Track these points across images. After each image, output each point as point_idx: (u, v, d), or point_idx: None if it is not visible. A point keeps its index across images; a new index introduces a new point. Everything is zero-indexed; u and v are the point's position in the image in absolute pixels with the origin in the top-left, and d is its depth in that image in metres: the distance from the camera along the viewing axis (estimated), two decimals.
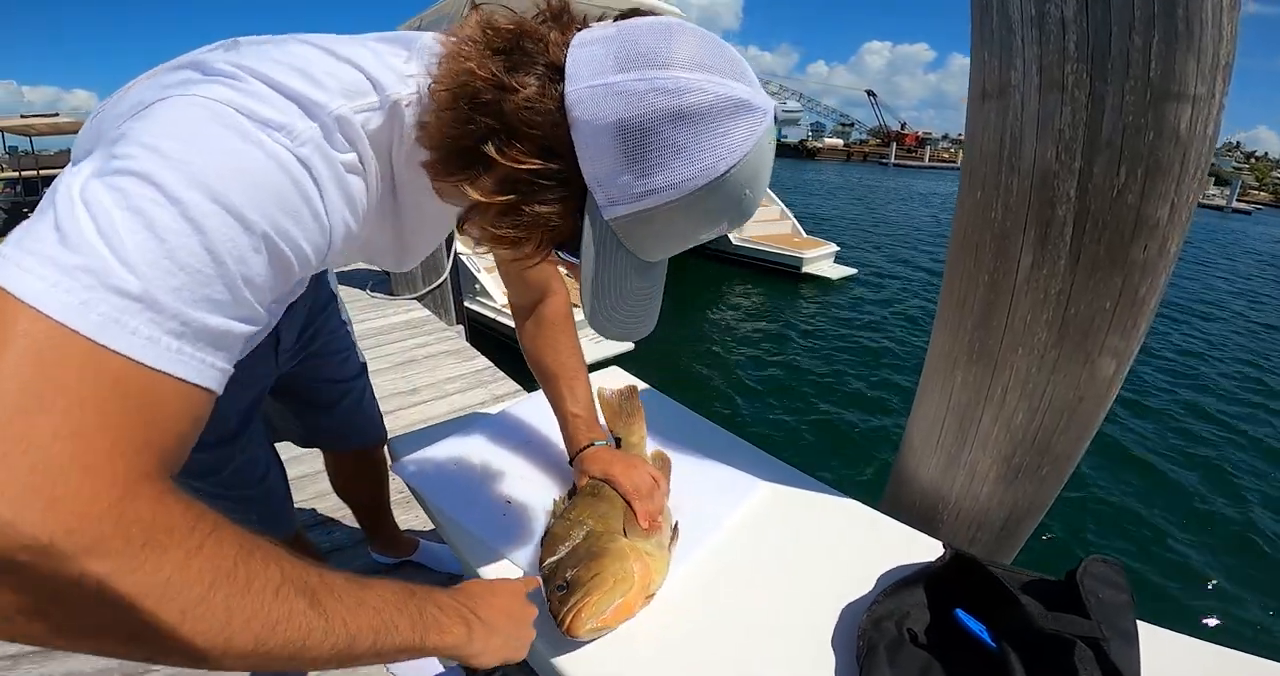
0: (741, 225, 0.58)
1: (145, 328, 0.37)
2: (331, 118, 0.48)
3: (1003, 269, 0.93)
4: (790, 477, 1.16)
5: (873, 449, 5.52)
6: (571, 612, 0.77)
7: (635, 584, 0.82)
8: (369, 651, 0.47)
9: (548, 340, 1.06)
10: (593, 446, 1.05)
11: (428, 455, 1.20)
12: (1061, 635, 0.76)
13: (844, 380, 7.07)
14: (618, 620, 0.81)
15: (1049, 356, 0.93)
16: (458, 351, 3.63)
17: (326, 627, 0.43)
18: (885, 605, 0.86)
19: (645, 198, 0.51)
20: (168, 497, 0.37)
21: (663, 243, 0.56)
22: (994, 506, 1.09)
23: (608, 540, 0.87)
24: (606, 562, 0.83)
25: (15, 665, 1.52)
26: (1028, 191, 0.87)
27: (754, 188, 0.53)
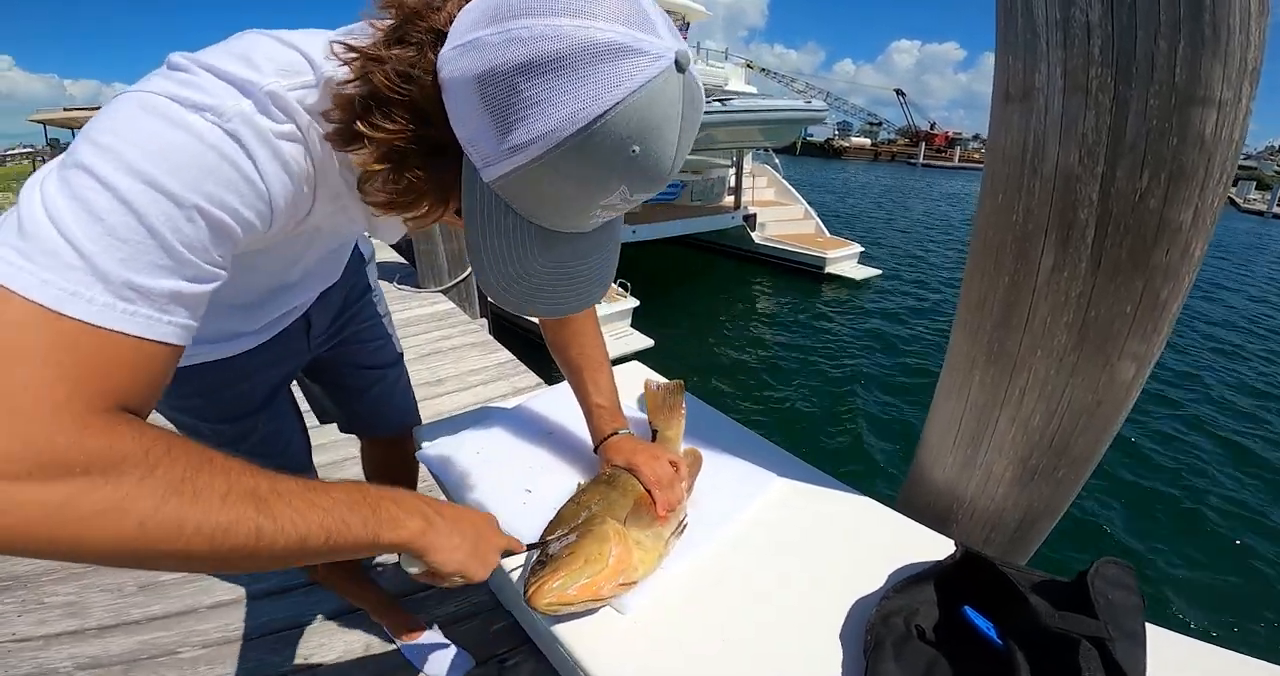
0: (653, 191, 0.53)
1: (100, 296, 0.44)
2: (264, 93, 0.52)
3: (1023, 271, 0.93)
4: (805, 473, 1.18)
5: (887, 450, 5.50)
6: (534, 585, 0.81)
7: (608, 567, 0.85)
8: (324, 548, 0.53)
9: (571, 333, 1.08)
10: (616, 435, 1.08)
11: (451, 444, 1.23)
12: (1068, 634, 0.78)
13: (863, 381, 7.03)
14: (581, 599, 0.83)
15: (1068, 359, 0.93)
16: (482, 344, 3.69)
17: (276, 529, 0.49)
18: (895, 601, 0.87)
19: (514, 155, 0.48)
20: (121, 429, 0.44)
21: (552, 207, 0.53)
22: (1009, 507, 1.10)
23: (597, 522, 0.90)
24: (585, 542, 0.86)
25: (47, 645, 1.59)
26: (1050, 194, 0.87)
27: (646, 143, 0.47)
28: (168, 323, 0.48)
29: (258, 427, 1.04)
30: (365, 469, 1.59)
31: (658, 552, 0.92)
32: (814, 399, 6.54)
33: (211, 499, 0.46)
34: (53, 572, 1.85)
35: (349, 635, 1.61)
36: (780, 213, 12.43)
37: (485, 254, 0.56)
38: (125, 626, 1.64)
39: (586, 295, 0.63)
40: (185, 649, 1.57)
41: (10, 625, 1.64)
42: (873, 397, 6.60)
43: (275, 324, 0.98)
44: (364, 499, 0.59)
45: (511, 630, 1.62)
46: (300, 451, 1.18)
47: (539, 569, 0.84)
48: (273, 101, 0.53)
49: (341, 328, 1.17)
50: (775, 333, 8.68)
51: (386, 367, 1.31)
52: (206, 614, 1.69)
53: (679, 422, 1.22)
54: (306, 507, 0.52)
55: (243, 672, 1.50)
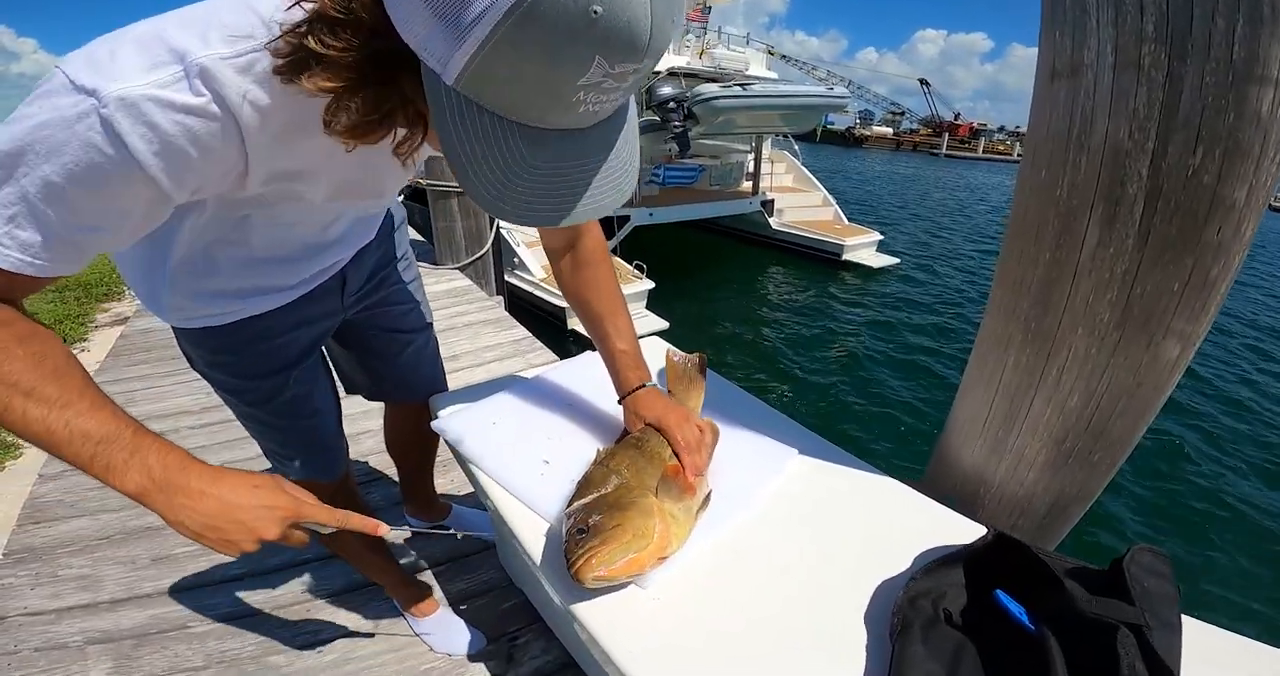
0: (638, 60, 0.47)
1: None
2: (194, 65, 0.55)
3: (1066, 247, 0.91)
4: (826, 451, 1.16)
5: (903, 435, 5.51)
6: (582, 558, 0.78)
7: (652, 542, 0.83)
8: (54, 454, 0.62)
9: (587, 278, 1.07)
10: (644, 388, 1.06)
11: (468, 414, 1.22)
12: (1104, 620, 0.76)
13: (878, 367, 7.07)
14: (626, 573, 0.81)
15: (1110, 338, 0.90)
16: (497, 320, 3.71)
17: (12, 420, 0.60)
18: (922, 583, 0.86)
19: (464, 42, 0.45)
20: None
21: (525, 96, 0.49)
22: (1039, 492, 1.07)
23: (638, 494, 0.88)
24: (631, 515, 0.84)
25: (59, 619, 1.60)
26: (1097, 169, 0.85)
27: (608, 2, 0.43)
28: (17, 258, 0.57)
29: (287, 386, 1.05)
30: (388, 438, 1.61)
31: (688, 526, 0.91)
32: (828, 384, 6.58)
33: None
34: (68, 545, 1.87)
35: (361, 610, 1.61)
36: (799, 199, 12.43)
37: (467, 161, 0.53)
38: (137, 600, 1.65)
39: (597, 202, 0.59)
40: (196, 623, 1.58)
41: (22, 598, 1.66)
42: (889, 384, 6.63)
43: (311, 281, 1.01)
44: (88, 442, 0.62)
45: (522, 608, 1.61)
46: (329, 416, 1.19)
47: (581, 539, 0.81)
48: (200, 74, 0.55)
49: (374, 289, 1.19)
50: (791, 318, 8.72)
51: (416, 333, 1.33)
52: (219, 587, 1.69)
53: (699, 394, 1.21)
54: (39, 416, 0.60)
55: (253, 647, 1.51)
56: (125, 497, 0.64)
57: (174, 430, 2.58)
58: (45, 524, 1.97)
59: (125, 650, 1.49)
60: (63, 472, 2.24)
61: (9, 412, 0.59)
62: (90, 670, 1.44)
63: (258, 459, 2.25)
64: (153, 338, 3.53)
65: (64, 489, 2.14)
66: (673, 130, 9.36)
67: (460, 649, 1.49)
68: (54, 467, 2.28)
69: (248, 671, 1.44)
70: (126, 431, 0.64)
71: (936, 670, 0.76)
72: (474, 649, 1.49)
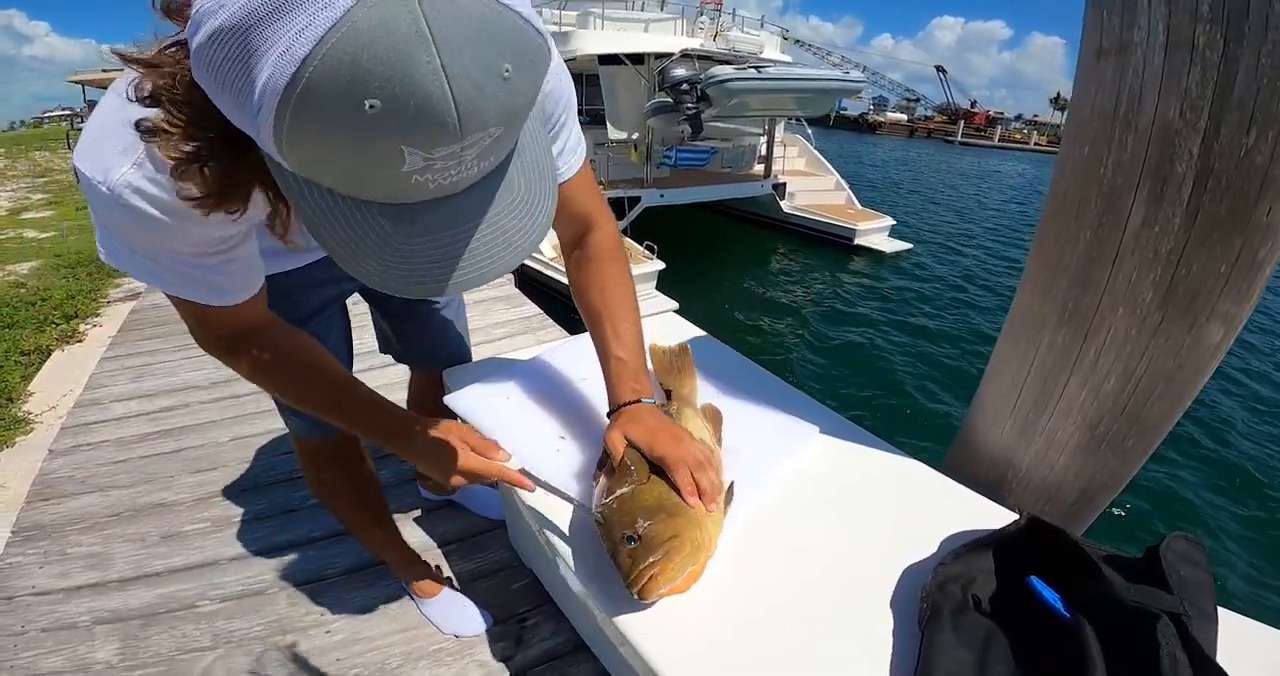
0: (455, 141, 0.41)
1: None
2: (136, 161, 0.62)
3: (1108, 225, 0.88)
4: (849, 432, 1.13)
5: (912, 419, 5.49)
6: (648, 576, 0.74)
7: (705, 551, 0.80)
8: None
9: (591, 276, 1.02)
10: (639, 403, 0.95)
11: (481, 388, 1.20)
12: (1145, 608, 0.73)
13: (888, 351, 7.08)
14: (687, 587, 0.78)
15: (1152, 319, 0.87)
16: (507, 298, 3.71)
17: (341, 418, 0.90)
18: (951, 568, 0.83)
19: (261, 130, 0.42)
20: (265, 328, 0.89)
21: (355, 180, 0.45)
22: (1069, 478, 1.04)
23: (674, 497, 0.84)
24: (682, 524, 0.79)
25: (67, 598, 1.60)
26: (1144, 147, 0.83)
27: (388, 90, 0.38)
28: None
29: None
30: (411, 402, 1.63)
31: (721, 523, 0.87)
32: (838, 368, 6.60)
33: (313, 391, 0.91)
34: (78, 522, 1.87)
35: (369, 590, 1.60)
36: (811, 183, 12.43)
37: (333, 241, 0.50)
38: (146, 578, 1.65)
39: (492, 263, 0.54)
40: (204, 602, 1.58)
41: (31, 577, 1.66)
42: (899, 368, 6.66)
43: (317, 251, 1.04)
44: (388, 428, 0.90)
45: (532, 589, 1.60)
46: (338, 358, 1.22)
47: (635, 550, 0.76)
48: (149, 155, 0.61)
49: None
50: (801, 301, 8.78)
51: (446, 306, 1.38)
52: (227, 566, 1.69)
53: (691, 380, 1.17)
54: (367, 422, 0.90)
55: (261, 627, 1.50)
56: (136, 474, 0.67)
57: (185, 404, 2.59)
58: (55, 500, 1.97)
59: (133, 630, 1.49)
60: (74, 448, 2.24)
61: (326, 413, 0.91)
62: (97, 650, 1.44)
63: (265, 435, 2.28)
64: (164, 313, 3.54)
65: (74, 465, 2.14)
66: (685, 112, 9.31)
67: (466, 629, 1.48)
68: (64, 443, 2.29)
69: (255, 651, 1.43)
70: (397, 425, 0.90)
71: (966, 658, 0.73)
72: (480, 629, 1.48)
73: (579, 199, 0.98)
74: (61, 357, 3.30)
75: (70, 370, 3.09)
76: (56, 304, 3.99)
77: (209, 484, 2.04)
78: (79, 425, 2.44)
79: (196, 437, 2.32)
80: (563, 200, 0.95)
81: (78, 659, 1.42)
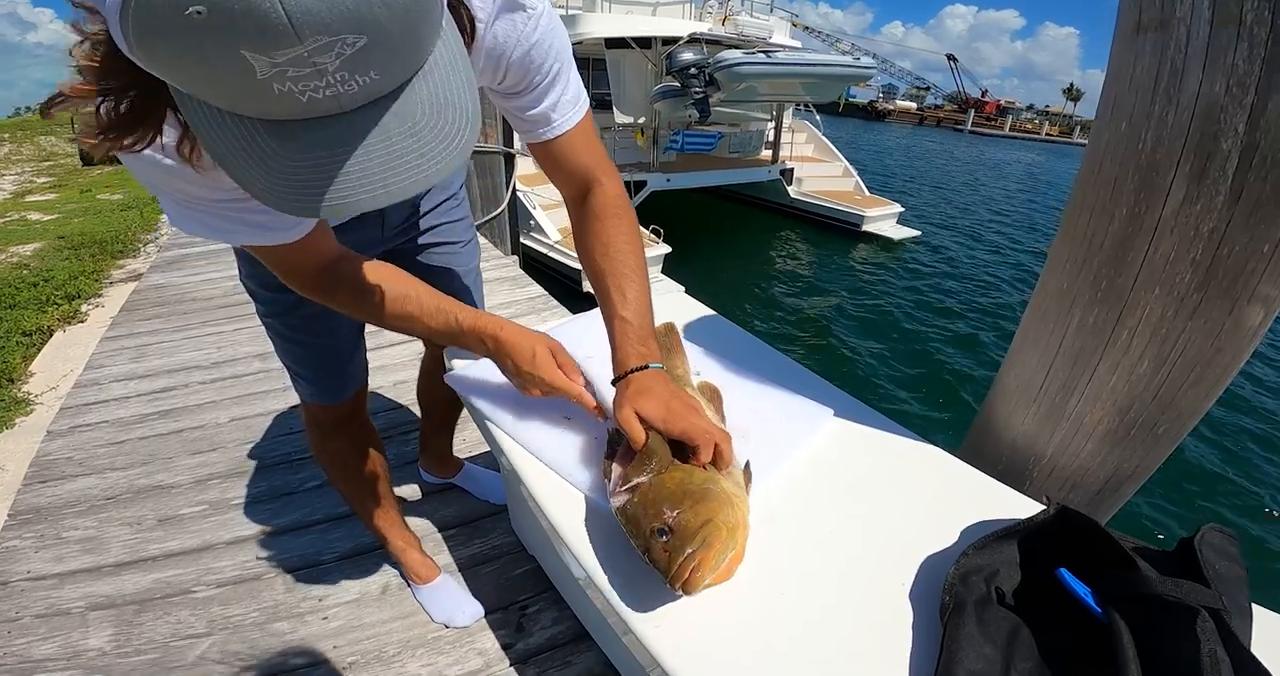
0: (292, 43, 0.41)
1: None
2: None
3: (1146, 202, 0.84)
4: (863, 415, 1.09)
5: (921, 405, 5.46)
6: (690, 567, 0.69)
7: (742, 533, 0.76)
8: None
9: (595, 234, 0.97)
10: (647, 369, 0.90)
11: (484, 366, 1.16)
12: (1183, 603, 0.68)
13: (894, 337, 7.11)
14: (730, 574, 0.74)
15: (1190, 299, 0.83)
16: (513, 278, 3.69)
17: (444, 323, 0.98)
18: (975, 559, 0.79)
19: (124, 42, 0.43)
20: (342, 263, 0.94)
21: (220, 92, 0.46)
22: (1095, 466, 1.00)
23: (705, 479, 0.79)
24: (715, 508, 0.74)
25: (62, 583, 1.58)
26: (1187, 123, 0.79)
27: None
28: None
29: (305, 303, 1.00)
30: (420, 383, 1.67)
31: (748, 504, 0.83)
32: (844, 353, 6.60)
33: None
34: (74, 505, 1.84)
35: (367, 576, 1.58)
36: (819, 169, 12.39)
37: (222, 158, 0.50)
38: (142, 563, 1.63)
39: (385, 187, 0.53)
40: (200, 588, 1.55)
41: (26, 562, 1.63)
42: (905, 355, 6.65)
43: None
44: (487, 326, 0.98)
45: (534, 575, 1.57)
46: (345, 341, 1.22)
47: (677, 544, 0.71)
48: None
49: (419, 225, 1.24)
50: (807, 287, 8.81)
51: (463, 275, 1.37)
52: (224, 550, 1.66)
53: (682, 360, 1.13)
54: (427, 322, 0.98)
55: (256, 613, 1.48)
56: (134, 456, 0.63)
57: (184, 385, 2.57)
58: (52, 483, 1.95)
59: (127, 616, 1.47)
60: (72, 429, 2.22)
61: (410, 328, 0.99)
62: (90, 637, 1.41)
63: (266, 416, 2.26)
64: (165, 293, 3.53)
65: (72, 446, 2.12)
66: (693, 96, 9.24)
67: (458, 620, 1.45)
68: (62, 424, 2.26)
69: (251, 638, 1.41)
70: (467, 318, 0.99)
71: (992, 654, 0.69)
72: (471, 620, 1.45)
73: (579, 154, 0.95)
74: (63, 338, 3.29)
75: (71, 350, 3.08)
76: (59, 284, 3.97)
77: (207, 465, 2.02)
78: (78, 406, 2.41)
79: (195, 418, 2.30)
80: (562, 155, 0.94)
81: (71, 646, 1.39)
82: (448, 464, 1.87)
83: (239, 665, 1.34)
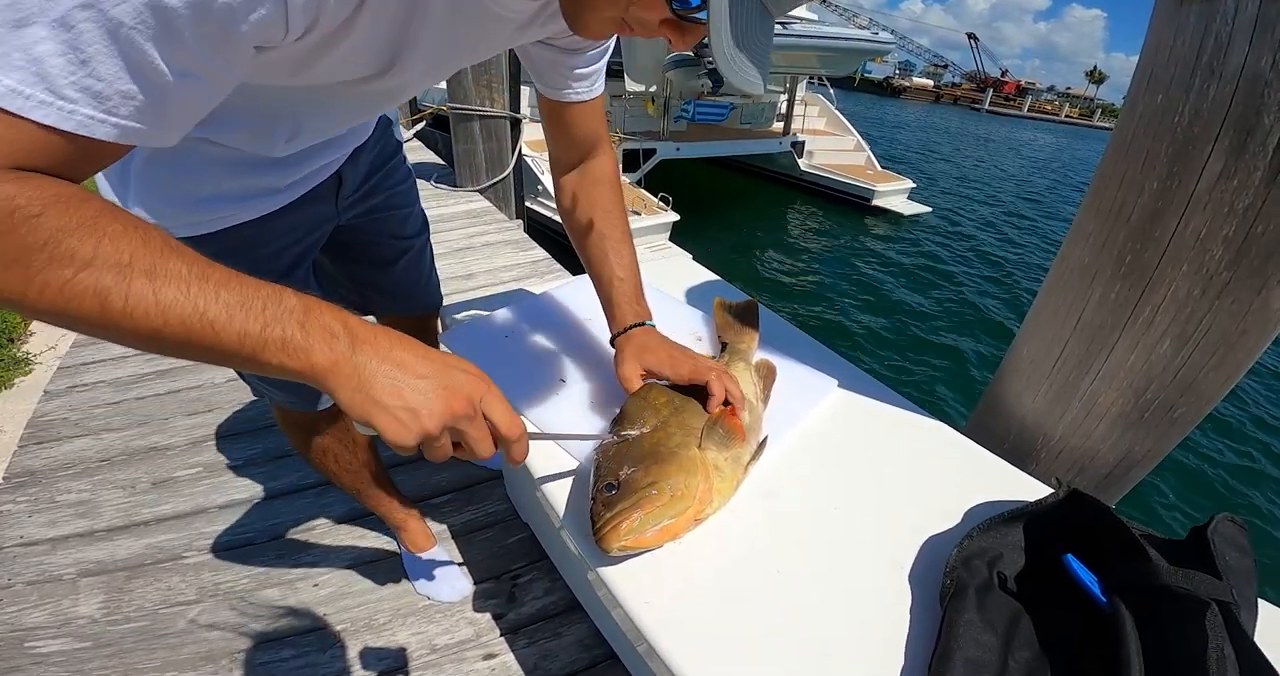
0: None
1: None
2: None
3: (1180, 175, 0.80)
4: (869, 388, 1.07)
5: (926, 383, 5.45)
6: (609, 524, 0.68)
7: (693, 504, 0.72)
8: (181, 344, 0.46)
9: (592, 197, 0.97)
10: (642, 327, 0.93)
11: (479, 328, 1.15)
12: (1193, 595, 0.65)
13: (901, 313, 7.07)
14: (657, 542, 0.72)
15: (1218, 278, 0.79)
16: (516, 242, 3.65)
17: (126, 308, 0.43)
18: (978, 542, 0.76)
19: None
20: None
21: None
22: (1105, 448, 0.97)
23: (679, 441, 0.77)
24: (670, 470, 0.73)
25: (54, 549, 1.57)
26: (1229, 97, 0.76)
27: None
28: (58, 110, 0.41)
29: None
30: None
31: (735, 481, 0.80)
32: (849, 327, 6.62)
33: (74, 256, 0.42)
34: (70, 467, 1.83)
35: (361, 542, 1.57)
36: (831, 142, 12.24)
37: (735, 30, 0.52)
38: (134, 528, 1.62)
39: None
40: (191, 553, 1.54)
41: (19, 526, 1.62)
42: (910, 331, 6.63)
43: (305, 182, 0.91)
44: (272, 307, 0.48)
45: (527, 544, 1.56)
46: None
47: (611, 498, 0.71)
48: None
49: (370, 191, 1.10)
50: (814, 259, 8.79)
51: (414, 237, 1.24)
52: (216, 514, 1.65)
53: (751, 340, 1.09)
54: (178, 296, 0.45)
55: (247, 579, 1.47)
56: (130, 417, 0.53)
57: None
58: (48, 444, 1.93)
59: (118, 582, 1.46)
60: (69, 389, 2.20)
61: (136, 301, 0.44)
62: (80, 605, 1.40)
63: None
64: None
65: (69, 406, 2.11)
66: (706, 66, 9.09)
67: (444, 596, 1.42)
68: (61, 383, 2.25)
69: (240, 605, 1.40)
70: (288, 294, 0.50)
71: (991, 641, 0.67)
72: (458, 597, 1.43)
73: (593, 121, 0.97)
74: None
75: None
76: None
77: (203, 427, 2.00)
78: (76, 365, 2.39)
79: (192, 378, 2.27)
80: (581, 119, 0.95)
81: (61, 613, 1.38)
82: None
83: (229, 632, 1.34)
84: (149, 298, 0.44)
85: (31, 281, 0.41)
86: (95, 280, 0.42)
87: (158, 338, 0.45)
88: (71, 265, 0.42)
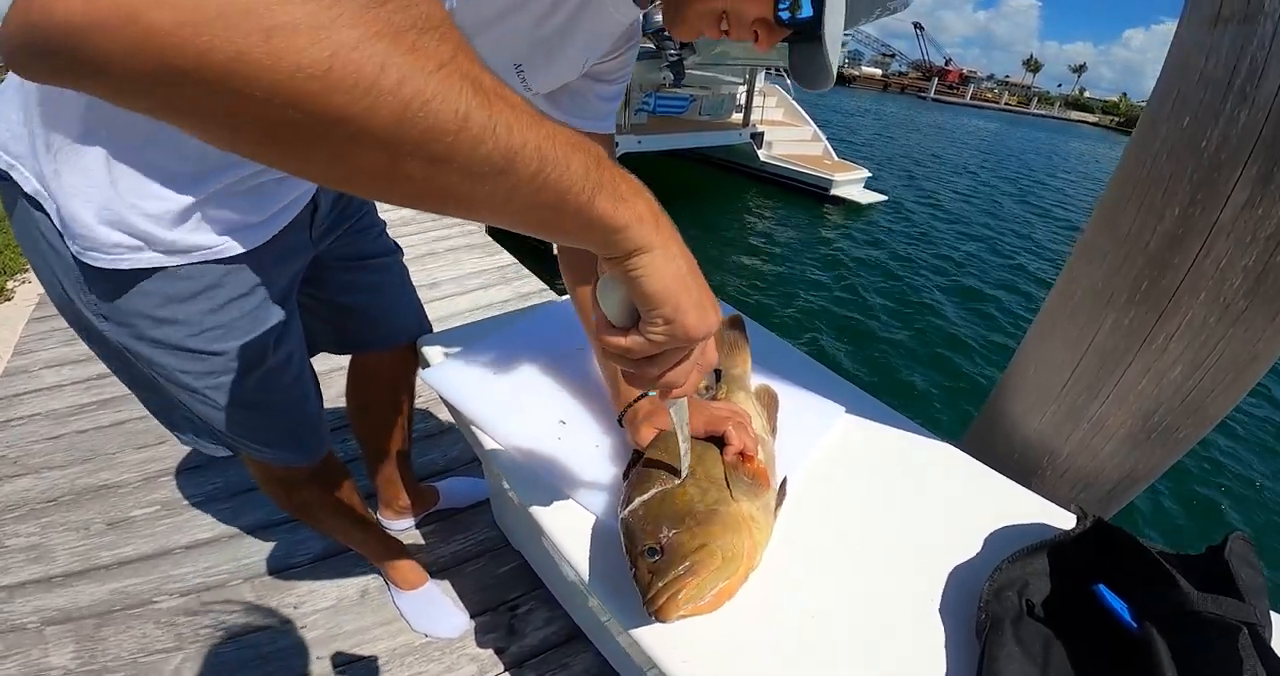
0: None
1: None
2: None
3: (1203, 203, 0.82)
4: (876, 412, 1.09)
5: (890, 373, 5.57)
6: (667, 594, 0.66)
7: (743, 562, 0.71)
8: (530, 179, 0.40)
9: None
10: (647, 396, 0.91)
11: (464, 362, 1.10)
12: (1224, 620, 0.69)
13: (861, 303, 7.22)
14: (715, 607, 0.70)
15: (1235, 306, 0.83)
16: (481, 246, 3.60)
17: (487, 124, 0.37)
18: (1008, 573, 0.79)
19: None
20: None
21: None
22: (1110, 467, 1.01)
23: (716, 499, 0.75)
24: (716, 532, 0.71)
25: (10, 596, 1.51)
26: (1260, 123, 0.77)
27: None
28: None
29: (266, 357, 0.91)
30: (353, 408, 1.40)
31: (769, 529, 0.78)
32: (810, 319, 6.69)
33: (426, 60, 0.34)
34: (13, 509, 1.74)
35: (343, 580, 1.53)
36: (789, 133, 12.48)
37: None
38: (94, 572, 1.55)
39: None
40: (161, 597, 1.48)
41: None
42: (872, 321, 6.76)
43: (282, 214, 0.87)
44: (589, 150, 0.44)
45: (521, 572, 1.55)
46: (309, 384, 1.04)
47: (658, 564, 0.68)
48: None
49: (342, 212, 1.07)
50: (776, 251, 8.88)
51: (388, 255, 1.20)
52: (183, 555, 1.60)
53: (744, 359, 1.07)
54: (531, 121, 0.40)
55: (227, 623, 1.42)
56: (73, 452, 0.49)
57: None
58: None
59: (87, 630, 1.40)
60: (3, 423, 2.09)
61: (461, 107, 0.36)
62: (51, 654, 1.35)
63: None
64: None
65: (4, 443, 2.01)
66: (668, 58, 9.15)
67: (441, 632, 1.41)
68: None
69: (224, 652, 1.35)
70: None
71: (1032, 672, 0.69)
72: (456, 633, 1.41)
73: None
74: None
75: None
76: None
77: (156, 461, 1.92)
78: (8, 396, 2.27)
79: (137, 408, 2.14)
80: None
81: (32, 664, 1.32)
82: (423, 497, 1.69)
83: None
84: (506, 117, 0.38)
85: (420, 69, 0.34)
86: (451, 87, 0.35)
87: (506, 165, 0.39)
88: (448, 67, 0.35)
